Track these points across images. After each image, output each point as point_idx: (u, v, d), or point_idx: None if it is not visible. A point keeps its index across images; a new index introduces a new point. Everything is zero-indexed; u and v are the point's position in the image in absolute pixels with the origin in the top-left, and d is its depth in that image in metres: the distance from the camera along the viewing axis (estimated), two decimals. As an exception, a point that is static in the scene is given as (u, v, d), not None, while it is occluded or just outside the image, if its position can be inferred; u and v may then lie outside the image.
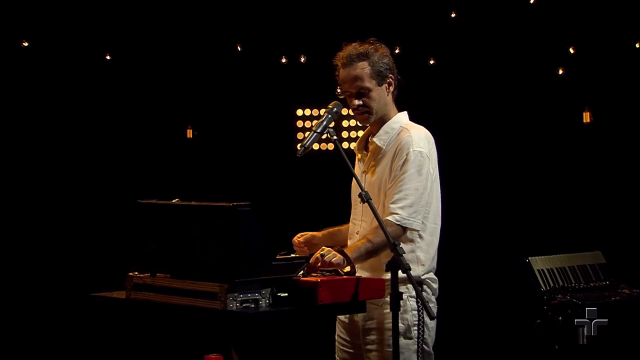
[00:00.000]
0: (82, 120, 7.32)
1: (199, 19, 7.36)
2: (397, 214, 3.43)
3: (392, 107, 3.67)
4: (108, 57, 7.32)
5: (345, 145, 7.37)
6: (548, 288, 4.88)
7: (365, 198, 3.24)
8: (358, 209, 3.64)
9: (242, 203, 3.04)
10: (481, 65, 7.44)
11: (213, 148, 7.62)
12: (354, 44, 3.63)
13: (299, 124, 7.89)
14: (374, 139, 3.60)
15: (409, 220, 3.45)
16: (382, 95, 3.60)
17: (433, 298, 3.61)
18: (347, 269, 3.28)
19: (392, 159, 3.53)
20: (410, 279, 3.08)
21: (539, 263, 4.89)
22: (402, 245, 3.32)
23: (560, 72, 7.20)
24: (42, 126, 7.22)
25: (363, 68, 3.55)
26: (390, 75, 3.63)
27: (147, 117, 7.46)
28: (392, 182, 3.48)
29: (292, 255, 3.28)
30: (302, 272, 3.22)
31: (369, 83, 3.56)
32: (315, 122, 6.97)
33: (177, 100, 7.51)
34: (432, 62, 7.57)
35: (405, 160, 3.48)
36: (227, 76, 7.63)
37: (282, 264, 3.20)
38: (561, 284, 4.90)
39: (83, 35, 7.19)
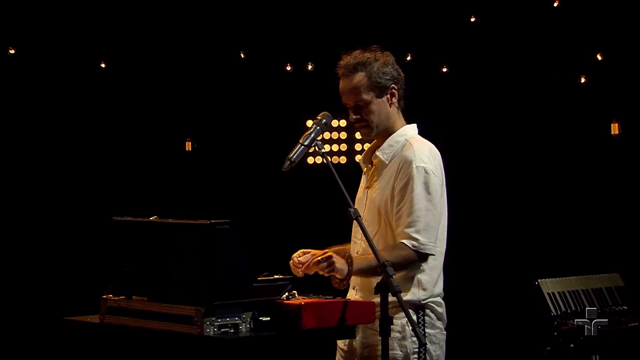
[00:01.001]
0: (73, 131, 7.35)
1: (199, 24, 7.38)
2: (415, 239, 3.38)
3: (398, 118, 3.62)
4: (103, 65, 7.36)
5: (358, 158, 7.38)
6: (559, 313, 4.82)
7: (354, 215, 3.22)
8: (358, 227, 3.62)
9: (221, 221, 3.03)
10: (499, 73, 7.42)
11: (214, 162, 7.62)
12: (354, 52, 3.58)
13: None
14: (378, 153, 3.57)
15: (427, 246, 3.41)
16: (383, 108, 3.55)
17: (439, 324, 3.54)
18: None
19: (395, 175, 3.48)
20: (400, 302, 3.05)
21: (549, 285, 4.84)
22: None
23: (583, 80, 7.16)
24: (30, 138, 7.27)
25: (360, 80, 3.51)
26: (393, 85, 3.57)
27: (143, 128, 7.48)
28: (400, 202, 3.44)
29: (276, 276, 3.27)
30: (286, 293, 3.20)
31: (366, 95, 3.51)
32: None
33: (175, 110, 7.53)
34: (445, 69, 7.54)
35: (409, 177, 3.43)
36: (230, 85, 7.64)
37: (264, 285, 3.17)
38: (573, 308, 4.85)
39: (77, 42, 7.23)
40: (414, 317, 3.44)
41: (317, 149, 3.39)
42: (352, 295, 3.59)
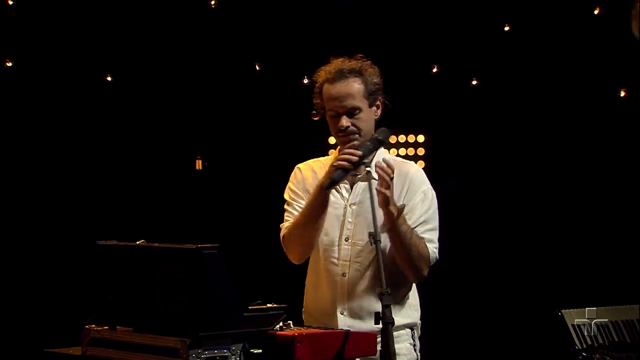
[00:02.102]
0: (76, 149, 7.39)
1: (210, 34, 7.39)
2: (434, 249, 3.59)
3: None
4: (109, 79, 7.41)
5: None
6: (584, 346, 4.75)
7: (375, 239, 3.22)
8: (345, 249, 3.62)
9: (208, 245, 3.03)
10: (531, 85, 7.39)
11: (226, 182, 7.64)
12: (342, 58, 3.67)
13: (331, 153, 7.85)
14: (370, 173, 3.56)
15: (437, 257, 3.62)
16: (371, 118, 3.65)
17: (419, 344, 3.69)
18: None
19: (399, 194, 3.56)
20: (389, 334, 3.04)
21: (573, 316, 4.77)
22: (400, 289, 3.49)
23: (623, 94, 7.10)
24: (33, 153, 7.31)
25: (357, 85, 3.59)
26: (381, 97, 3.67)
27: (151, 145, 7.51)
28: (417, 214, 3.57)
29: (269, 305, 3.26)
30: (280, 324, 3.19)
31: (360, 102, 3.60)
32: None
33: (184, 126, 7.56)
34: (475, 82, 7.51)
35: (425, 197, 3.61)
36: (243, 99, 7.65)
37: (256, 315, 3.16)
38: (601, 341, 4.78)
39: (83, 54, 7.28)
40: (412, 339, 3.63)
41: (365, 167, 3.38)
42: (342, 321, 3.60)
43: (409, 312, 3.66)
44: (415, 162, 4.26)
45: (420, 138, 7.79)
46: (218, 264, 3.02)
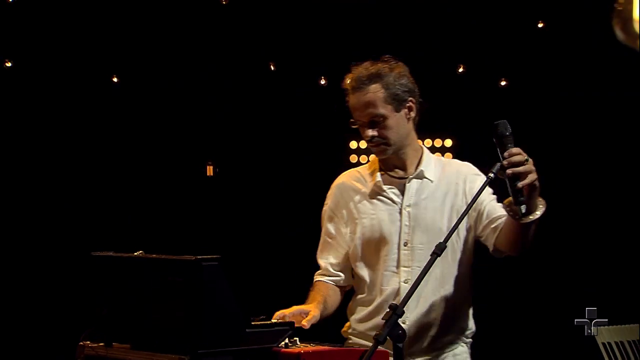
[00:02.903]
0: (82, 155, 7.42)
1: (221, 32, 7.41)
2: None
3: (415, 135, 3.70)
4: (115, 80, 7.43)
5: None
6: (617, 367, 4.72)
7: (440, 251, 3.19)
8: (405, 254, 3.59)
9: (209, 256, 3.01)
10: (566, 87, 7.36)
11: (238, 189, 7.64)
12: (364, 64, 3.64)
13: (353, 158, 7.86)
14: (422, 172, 3.63)
15: None
16: (401, 123, 3.61)
17: None
18: None
19: (460, 192, 3.62)
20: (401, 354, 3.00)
21: (605, 334, 4.74)
22: (466, 296, 3.59)
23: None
24: (39, 157, 7.36)
25: (375, 92, 3.55)
26: (410, 98, 3.63)
27: (160, 150, 7.53)
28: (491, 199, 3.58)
29: (274, 320, 3.23)
30: (285, 340, 3.17)
31: (383, 109, 3.56)
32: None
33: (194, 130, 7.58)
34: (504, 83, 7.46)
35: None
36: (258, 100, 7.66)
37: (259, 331, 3.12)
38: (633, 362, 4.74)
39: (89, 55, 7.32)
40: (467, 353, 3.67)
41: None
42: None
43: (470, 323, 3.68)
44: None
45: (448, 142, 7.76)
46: (218, 277, 3.00)
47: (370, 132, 3.57)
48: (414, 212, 3.61)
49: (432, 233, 3.55)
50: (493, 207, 3.57)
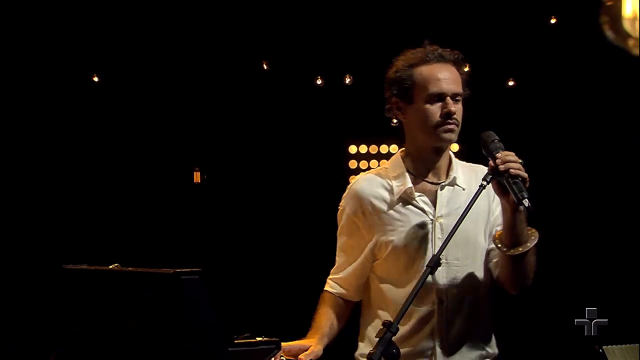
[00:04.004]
0: (64, 160, 7.43)
1: (209, 28, 7.40)
2: None
3: None
4: (96, 79, 7.43)
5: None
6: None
7: (435, 265, 3.16)
8: (440, 271, 3.45)
9: (189, 270, 3.00)
10: (578, 87, 7.37)
11: (228, 197, 7.64)
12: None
13: (352, 164, 7.87)
14: (455, 179, 3.56)
15: None
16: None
17: None
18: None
19: (488, 203, 3.56)
20: None
21: (617, 354, 4.72)
22: (490, 312, 3.49)
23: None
24: (22, 161, 7.38)
25: (459, 72, 3.56)
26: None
27: (143, 156, 7.53)
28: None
29: (259, 338, 3.22)
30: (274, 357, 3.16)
31: (461, 90, 3.55)
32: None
33: (180, 133, 7.58)
34: (511, 83, 7.46)
35: None
36: (248, 102, 7.65)
37: (242, 350, 3.11)
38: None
39: (70, 54, 7.32)
40: None
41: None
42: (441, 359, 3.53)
43: (493, 344, 3.61)
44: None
45: (454, 147, 7.74)
46: (199, 291, 2.98)
47: (454, 107, 3.51)
48: (447, 223, 3.48)
49: (468, 248, 3.48)
50: None
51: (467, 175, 3.57)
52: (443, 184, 3.54)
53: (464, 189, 3.53)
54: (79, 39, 7.28)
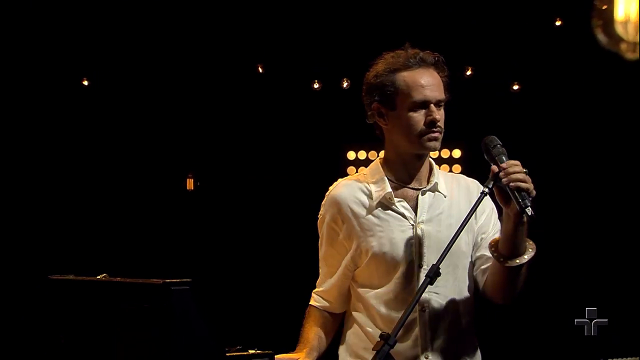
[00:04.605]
0: (55, 167, 7.43)
1: (203, 31, 7.40)
2: None
3: None
4: (85, 83, 7.44)
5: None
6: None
7: (434, 275, 3.17)
8: (410, 278, 3.51)
9: (179, 280, 3.00)
10: (583, 91, 7.38)
11: (222, 204, 7.64)
12: (405, 51, 3.58)
13: (351, 171, 7.86)
14: (436, 184, 3.54)
15: None
16: None
17: None
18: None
19: (470, 206, 3.42)
20: None
21: (620, 370, 4.71)
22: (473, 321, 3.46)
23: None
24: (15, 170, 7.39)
25: (442, 77, 3.48)
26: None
27: (137, 163, 7.53)
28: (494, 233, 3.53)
29: (251, 351, 3.22)
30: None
31: (444, 96, 3.48)
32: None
33: (173, 139, 7.58)
34: (516, 87, 7.48)
35: (493, 213, 3.54)
36: (243, 106, 7.66)
37: (235, 363, 3.14)
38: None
39: (59, 57, 7.33)
40: None
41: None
42: None
43: (479, 353, 3.59)
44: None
45: (456, 153, 7.76)
46: (189, 302, 2.98)
47: (438, 115, 3.46)
48: (428, 229, 3.49)
49: (450, 254, 3.35)
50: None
51: (449, 183, 3.57)
52: (424, 189, 3.53)
53: (445, 196, 3.53)
54: (71, 43, 7.27)
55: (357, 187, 3.57)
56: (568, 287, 7.17)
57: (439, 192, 3.51)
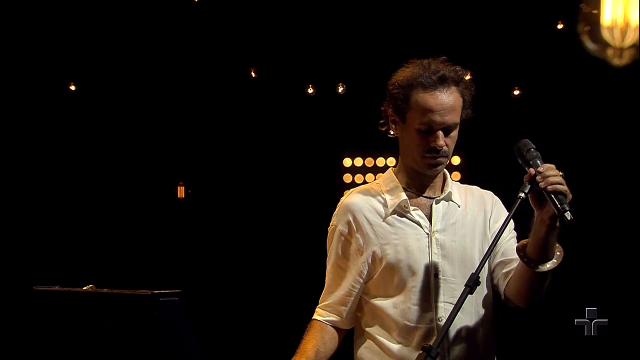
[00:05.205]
0: (45, 175, 7.44)
1: (195, 35, 7.40)
2: None
3: None
4: (72, 88, 7.44)
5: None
6: None
7: (474, 284, 3.18)
8: (425, 287, 3.51)
9: (167, 291, 3.01)
10: (585, 96, 7.40)
11: (213, 213, 7.65)
12: (431, 61, 3.53)
13: (347, 178, 7.87)
14: (450, 194, 3.54)
15: None
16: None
17: None
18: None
19: (484, 222, 3.54)
20: None
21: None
22: (483, 334, 3.47)
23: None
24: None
25: (457, 97, 3.44)
26: (469, 110, 3.56)
27: (128, 170, 7.54)
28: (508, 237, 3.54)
29: (242, 364, 3.24)
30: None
31: (458, 118, 3.44)
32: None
33: (165, 147, 7.59)
34: (517, 92, 7.51)
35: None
36: (236, 112, 7.65)
37: (225, 377, 3.15)
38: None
39: (47, 66, 7.33)
40: None
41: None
42: None
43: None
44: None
45: (455, 160, 7.77)
46: (178, 314, 3.00)
47: (442, 141, 3.40)
48: (443, 238, 3.50)
49: (464, 264, 3.47)
50: (511, 247, 3.48)
51: (463, 194, 3.57)
52: (438, 198, 3.52)
53: (459, 205, 3.53)
54: (59, 48, 7.28)
55: (371, 195, 3.57)
56: (568, 287, 7.18)
57: (453, 201, 3.51)
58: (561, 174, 3.25)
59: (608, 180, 7.51)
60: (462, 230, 3.49)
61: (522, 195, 3.21)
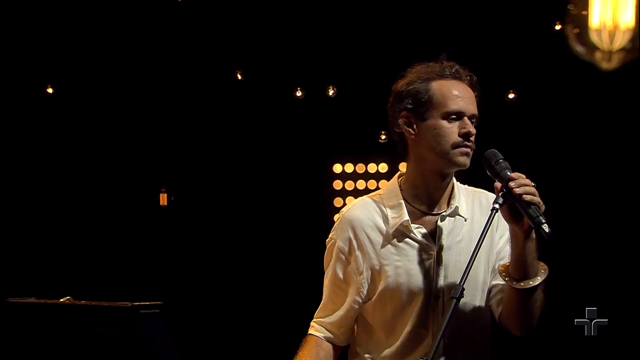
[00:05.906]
0: (25, 183, 7.44)
1: (179, 36, 7.41)
2: None
3: None
4: (50, 90, 7.43)
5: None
6: None
7: (458, 295, 3.16)
8: (426, 310, 3.50)
9: (148, 303, 3.00)
10: (580, 100, 7.41)
11: (197, 221, 7.64)
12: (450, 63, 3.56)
13: (337, 185, 7.86)
14: (457, 208, 3.50)
15: None
16: None
17: None
18: None
19: (491, 234, 3.49)
20: None
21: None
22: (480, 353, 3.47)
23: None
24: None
25: (475, 95, 3.46)
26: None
27: (109, 177, 7.53)
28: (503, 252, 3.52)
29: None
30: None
31: (477, 112, 3.46)
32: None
33: (146, 152, 7.58)
34: (512, 95, 7.54)
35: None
36: (221, 116, 7.64)
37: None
38: None
39: (25, 68, 7.34)
40: None
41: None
42: None
43: None
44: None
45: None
46: (159, 327, 2.99)
47: (473, 129, 3.41)
48: (447, 258, 3.47)
49: (468, 284, 3.31)
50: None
51: (470, 203, 3.52)
52: (444, 214, 3.48)
53: (465, 220, 3.49)
54: (37, 51, 7.28)
55: (373, 210, 3.54)
56: (568, 287, 7.19)
57: (460, 215, 3.47)
58: (533, 184, 3.21)
59: (608, 181, 7.53)
60: (468, 247, 3.45)
61: (497, 206, 3.20)
